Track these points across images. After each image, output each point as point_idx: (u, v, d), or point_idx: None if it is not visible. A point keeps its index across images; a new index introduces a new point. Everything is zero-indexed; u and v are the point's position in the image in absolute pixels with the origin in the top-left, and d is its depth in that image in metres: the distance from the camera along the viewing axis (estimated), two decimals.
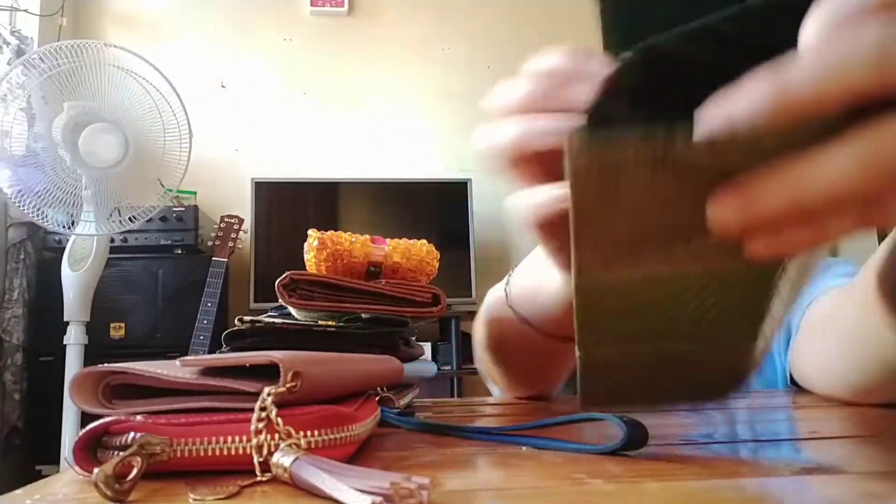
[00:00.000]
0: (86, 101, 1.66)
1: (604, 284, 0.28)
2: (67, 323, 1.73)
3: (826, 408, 0.52)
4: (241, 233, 2.24)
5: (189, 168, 1.82)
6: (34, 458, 2.04)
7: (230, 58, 2.75)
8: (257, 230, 2.39)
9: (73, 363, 1.70)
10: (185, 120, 1.76)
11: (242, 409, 0.25)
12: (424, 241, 0.56)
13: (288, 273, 0.47)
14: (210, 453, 0.24)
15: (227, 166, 2.63)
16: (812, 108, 0.18)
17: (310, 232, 0.53)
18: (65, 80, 1.64)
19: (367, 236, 0.54)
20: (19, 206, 1.63)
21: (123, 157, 1.67)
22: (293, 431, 0.25)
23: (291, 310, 0.49)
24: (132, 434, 0.24)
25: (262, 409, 0.24)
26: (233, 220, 2.24)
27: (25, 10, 2.37)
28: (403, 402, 0.48)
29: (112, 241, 1.90)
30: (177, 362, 0.28)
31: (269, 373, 0.26)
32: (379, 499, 0.19)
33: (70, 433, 1.62)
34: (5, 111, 1.61)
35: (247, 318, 0.45)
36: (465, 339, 2.29)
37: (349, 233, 0.54)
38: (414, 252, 0.55)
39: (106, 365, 0.27)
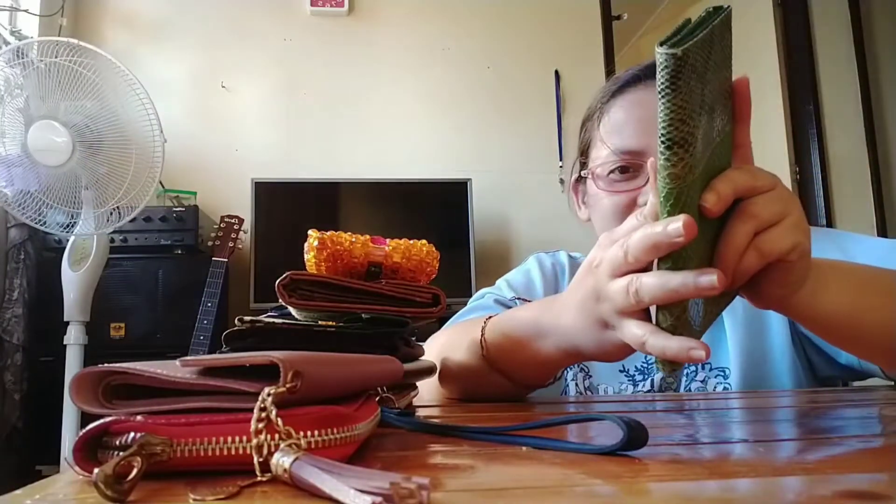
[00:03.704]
0: (76, 101, 1.65)
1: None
2: (67, 323, 1.73)
3: (825, 408, 0.52)
4: (241, 233, 2.24)
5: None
6: (34, 458, 2.04)
7: (230, 58, 2.75)
8: (257, 230, 2.39)
9: (73, 363, 1.70)
10: (156, 119, 1.72)
11: (242, 409, 0.25)
12: (424, 241, 0.56)
13: (288, 273, 0.47)
14: (210, 453, 0.24)
15: (227, 166, 2.63)
16: None
17: (310, 232, 0.53)
18: (45, 80, 1.62)
19: (367, 236, 0.54)
20: (19, 209, 1.63)
21: (70, 156, 1.66)
22: (293, 431, 0.25)
23: (291, 310, 0.49)
24: (132, 434, 0.24)
25: (262, 409, 0.24)
26: (233, 220, 2.24)
27: (26, 11, 2.37)
28: (404, 402, 0.48)
29: (112, 241, 1.89)
30: (177, 362, 0.28)
31: (269, 373, 0.26)
32: (379, 499, 0.19)
33: (70, 433, 1.62)
34: (2, 112, 1.60)
35: (247, 318, 0.44)
36: None
37: (349, 233, 0.54)
38: (414, 252, 0.55)
39: (106, 365, 0.27)
